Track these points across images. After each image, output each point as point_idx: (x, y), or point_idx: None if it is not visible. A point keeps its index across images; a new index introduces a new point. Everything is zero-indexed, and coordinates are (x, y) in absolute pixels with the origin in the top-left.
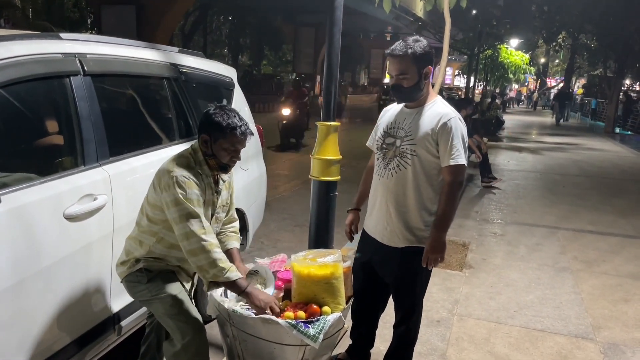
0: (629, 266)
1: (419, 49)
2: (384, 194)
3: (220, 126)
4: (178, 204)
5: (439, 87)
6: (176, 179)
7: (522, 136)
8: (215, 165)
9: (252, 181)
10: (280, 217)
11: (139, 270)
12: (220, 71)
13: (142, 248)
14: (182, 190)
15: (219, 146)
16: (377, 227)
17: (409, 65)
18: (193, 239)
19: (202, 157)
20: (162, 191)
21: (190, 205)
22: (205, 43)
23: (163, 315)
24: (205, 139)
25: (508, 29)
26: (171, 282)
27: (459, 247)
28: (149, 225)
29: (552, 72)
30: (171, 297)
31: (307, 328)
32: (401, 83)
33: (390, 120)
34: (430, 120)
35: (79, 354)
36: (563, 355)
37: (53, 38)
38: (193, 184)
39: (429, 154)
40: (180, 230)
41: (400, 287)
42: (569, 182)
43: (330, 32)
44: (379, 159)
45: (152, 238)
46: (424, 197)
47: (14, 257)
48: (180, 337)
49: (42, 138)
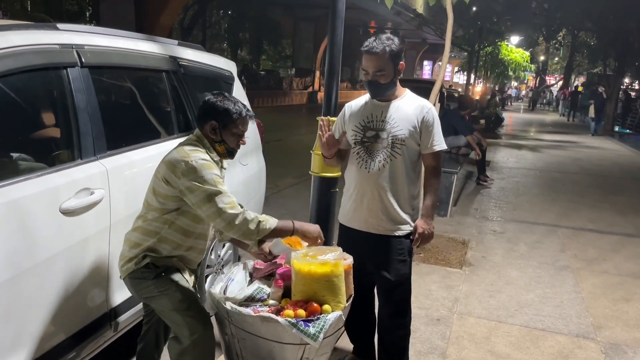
0: (629, 265)
1: (395, 47)
2: (375, 186)
3: (229, 111)
4: (201, 186)
5: (440, 84)
6: (196, 162)
7: (521, 134)
8: (223, 151)
9: (252, 176)
10: (279, 213)
11: (145, 266)
12: (220, 64)
13: (152, 237)
14: (203, 173)
15: (229, 131)
16: (369, 219)
17: (387, 62)
18: (225, 215)
19: (209, 144)
20: (181, 178)
21: (211, 187)
22: (204, 37)
23: (171, 311)
24: (213, 125)
25: (508, 25)
26: (178, 277)
27: (458, 244)
28: (159, 216)
29: (552, 69)
30: (180, 292)
31: (307, 327)
32: (378, 79)
33: (366, 115)
34: (413, 111)
35: (74, 350)
36: (564, 354)
37: (50, 29)
38: (212, 164)
39: (414, 142)
40: (209, 211)
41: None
42: (568, 180)
43: (333, 24)
44: (360, 152)
45: (163, 226)
46: (410, 183)
47: (8, 252)
48: (189, 334)
49: (38, 130)
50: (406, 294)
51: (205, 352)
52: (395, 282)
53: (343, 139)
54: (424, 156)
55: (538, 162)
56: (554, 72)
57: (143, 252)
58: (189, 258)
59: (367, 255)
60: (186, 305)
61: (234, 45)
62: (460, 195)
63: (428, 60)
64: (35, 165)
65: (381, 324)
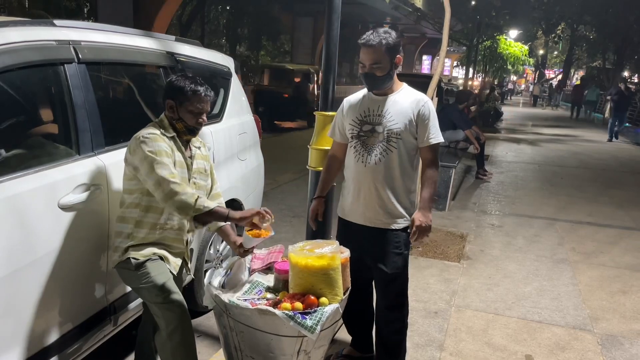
0: (626, 258)
1: (391, 40)
2: (372, 179)
3: (184, 89)
4: (145, 158)
5: (438, 78)
6: (141, 137)
7: (520, 128)
8: (182, 128)
9: (250, 171)
10: (278, 208)
11: (127, 259)
12: (218, 60)
13: (130, 223)
14: (148, 146)
15: (185, 109)
16: (366, 213)
17: (383, 55)
18: (164, 184)
19: (168, 122)
20: (132, 155)
21: (156, 157)
22: (202, 33)
23: (150, 303)
24: (170, 104)
25: (507, 19)
26: (158, 270)
27: (456, 238)
28: (132, 198)
29: (551, 63)
30: (156, 286)
31: (305, 319)
32: (374, 72)
33: (363, 109)
34: (409, 104)
35: (75, 344)
36: (561, 346)
37: (47, 25)
38: (158, 137)
39: (411, 135)
40: (152, 181)
41: (391, 270)
42: (567, 174)
43: (329, 19)
44: (357, 146)
45: (137, 210)
46: (407, 177)
47: (7, 247)
48: (165, 325)
49: (36, 127)
50: (402, 287)
51: (183, 344)
52: (392, 275)
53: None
54: (421, 149)
55: (537, 156)
56: (553, 66)
57: (125, 241)
58: (170, 237)
59: (365, 249)
60: (162, 298)
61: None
62: (459, 190)
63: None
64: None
65: (378, 317)
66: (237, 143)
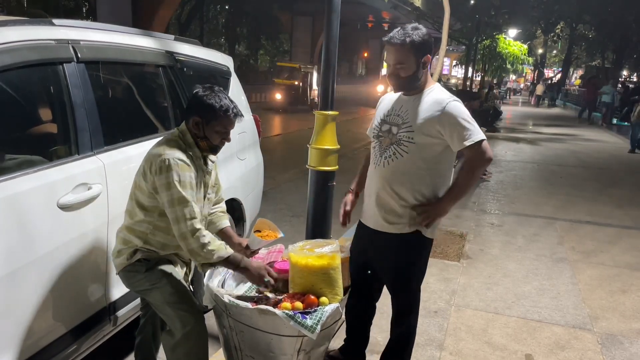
0: (626, 257)
1: (418, 38)
2: (380, 183)
3: (214, 108)
4: (169, 188)
5: (437, 77)
6: (169, 161)
7: (519, 127)
8: (206, 147)
9: (249, 171)
10: (277, 208)
11: (137, 261)
12: (217, 59)
13: (139, 238)
14: (175, 173)
15: (212, 128)
16: (373, 216)
17: (407, 55)
18: (182, 224)
19: (192, 139)
20: (154, 175)
21: (181, 190)
22: (201, 32)
23: (162, 304)
24: (197, 120)
25: (506, 18)
26: (170, 271)
27: (456, 237)
28: (146, 214)
29: (550, 62)
30: (171, 285)
31: (305, 319)
32: (398, 72)
33: (388, 108)
34: (428, 107)
35: (73, 344)
36: (560, 345)
37: (46, 24)
38: (186, 166)
39: (429, 138)
40: (172, 215)
41: (397, 278)
42: (566, 173)
43: (329, 19)
44: (375, 147)
45: (149, 226)
46: (421, 183)
47: (6, 247)
48: (181, 326)
49: (35, 126)
50: (410, 293)
51: (198, 345)
52: (400, 280)
53: None
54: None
55: (536, 155)
56: (552, 65)
57: (134, 247)
58: (180, 254)
59: (372, 252)
60: (177, 298)
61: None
62: None
63: None
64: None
65: (392, 317)
66: (236, 142)
